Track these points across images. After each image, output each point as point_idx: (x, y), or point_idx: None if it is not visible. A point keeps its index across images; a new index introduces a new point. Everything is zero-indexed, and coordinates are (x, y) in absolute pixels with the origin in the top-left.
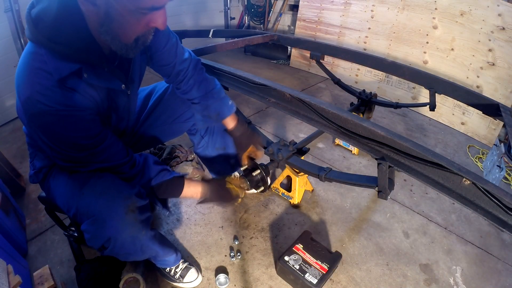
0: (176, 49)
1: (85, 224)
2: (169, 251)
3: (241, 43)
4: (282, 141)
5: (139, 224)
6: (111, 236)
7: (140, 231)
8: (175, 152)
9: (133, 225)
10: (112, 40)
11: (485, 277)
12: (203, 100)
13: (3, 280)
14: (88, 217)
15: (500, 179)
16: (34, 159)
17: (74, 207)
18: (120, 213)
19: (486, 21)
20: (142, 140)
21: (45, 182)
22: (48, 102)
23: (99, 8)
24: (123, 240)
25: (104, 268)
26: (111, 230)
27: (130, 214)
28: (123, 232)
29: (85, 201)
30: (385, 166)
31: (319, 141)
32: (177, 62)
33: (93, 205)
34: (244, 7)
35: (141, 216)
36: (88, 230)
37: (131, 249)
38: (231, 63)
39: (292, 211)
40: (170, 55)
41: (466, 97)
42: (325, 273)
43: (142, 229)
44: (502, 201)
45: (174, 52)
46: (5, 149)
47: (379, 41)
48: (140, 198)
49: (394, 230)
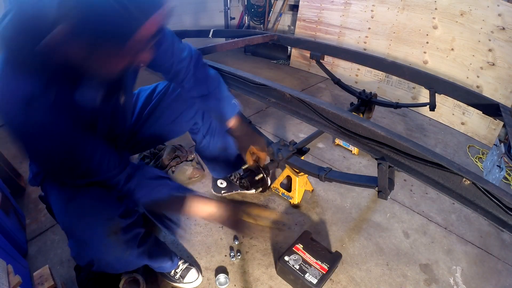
0: (173, 49)
1: (69, 242)
2: (162, 261)
3: (241, 43)
4: (282, 141)
5: (123, 245)
6: (94, 258)
7: (124, 252)
8: (175, 152)
9: (115, 247)
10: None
11: (485, 277)
12: (206, 100)
13: (3, 280)
14: (72, 236)
15: (500, 179)
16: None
17: (61, 222)
18: (102, 236)
19: (486, 21)
20: (144, 140)
21: (42, 186)
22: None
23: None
24: (107, 261)
25: None
26: (94, 252)
27: (112, 237)
28: (105, 255)
29: (69, 219)
30: (385, 166)
31: (319, 141)
32: (174, 62)
33: (75, 226)
34: (244, 7)
35: (126, 236)
36: (72, 248)
37: (117, 267)
38: (231, 63)
39: (292, 211)
40: (167, 56)
41: (466, 97)
42: (325, 273)
43: (127, 250)
44: (502, 201)
45: (171, 52)
46: (5, 149)
47: (379, 41)
48: (125, 218)
49: (394, 230)
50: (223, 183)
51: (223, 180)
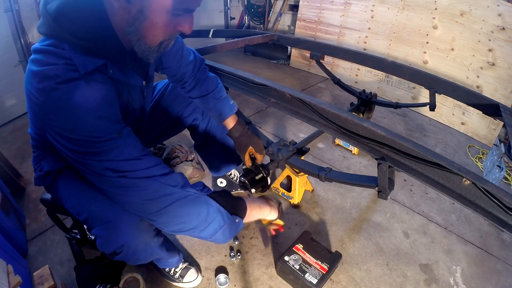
0: (182, 51)
1: (97, 229)
2: (173, 254)
3: (241, 43)
4: (282, 141)
5: (152, 231)
6: (124, 242)
7: (152, 238)
8: (175, 152)
9: (147, 232)
10: (138, 42)
11: (485, 277)
12: (205, 100)
13: (3, 280)
14: (101, 223)
15: (500, 179)
16: (42, 161)
17: (86, 211)
18: (136, 220)
19: (486, 21)
20: (145, 138)
21: (53, 185)
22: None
23: (133, 5)
24: (136, 247)
25: (103, 268)
26: (125, 237)
27: (144, 222)
28: (136, 239)
29: (99, 206)
30: (385, 166)
31: (319, 141)
32: (182, 64)
33: (107, 211)
34: (244, 7)
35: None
36: (100, 235)
37: (141, 255)
38: (231, 63)
39: (292, 211)
40: (176, 57)
41: (466, 97)
42: (325, 273)
43: (155, 237)
44: (502, 201)
45: (180, 55)
46: (5, 149)
47: (379, 41)
48: None
49: (394, 230)
50: (223, 182)
51: (223, 179)
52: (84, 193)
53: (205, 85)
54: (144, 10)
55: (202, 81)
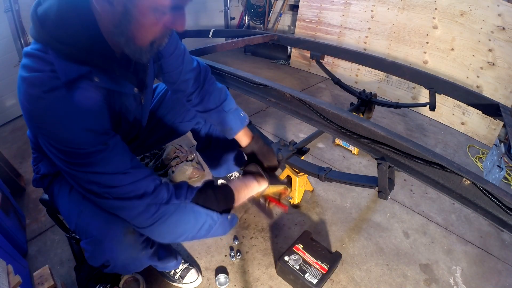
0: (184, 56)
1: (83, 243)
2: (168, 260)
3: (241, 43)
4: (282, 141)
5: (139, 245)
6: (109, 258)
7: (139, 252)
8: (175, 152)
9: (132, 247)
10: (126, 43)
11: (485, 277)
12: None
13: (3, 280)
14: (86, 237)
15: (500, 179)
16: (40, 163)
17: (74, 223)
18: (119, 235)
19: (486, 21)
20: (147, 142)
21: (49, 188)
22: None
23: (116, 6)
24: (123, 262)
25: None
26: (109, 252)
27: (129, 236)
28: (121, 255)
29: (84, 219)
30: (385, 166)
31: (319, 141)
32: (183, 70)
33: (91, 225)
34: (244, 7)
35: (142, 236)
36: (86, 249)
37: (131, 268)
38: (231, 63)
39: (292, 211)
40: (177, 62)
41: (466, 97)
42: (325, 273)
43: (142, 250)
44: (502, 201)
45: (182, 60)
46: (5, 149)
47: (379, 41)
48: None
49: (394, 230)
50: (224, 182)
51: (223, 180)
52: (72, 203)
53: (213, 97)
54: (129, 10)
55: (210, 94)
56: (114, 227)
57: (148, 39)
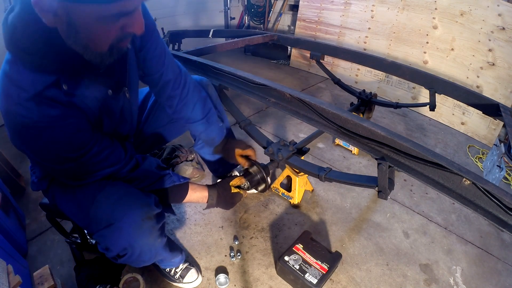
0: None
1: (97, 235)
2: (176, 254)
3: (241, 43)
4: (282, 141)
5: (156, 232)
6: (127, 245)
7: (156, 239)
8: (175, 152)
9: (150, 233)
10: (84, 50)
11: (485, 277)
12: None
13: (3, 280)
14: (103, 226)
15: (500, 179)
16: (36, 166)
17: (87, 215)
18: (138, 220)
19: (486, 21)
20: (145, 142)
21: (49, 190)
22: (26, 114)
23: (61, 19)
24: (141, 249)
25: (104, 268)
26: (128, 239)
27: (147, 222)
28: (140, 241)
29: (100, 209)
30: (385, 166)
31: (319, 141)
32: (164, 72)
33: (109, 213)
34: (244, 7)
35: (158, 224)
36: (103, 238)
37: (146, 257)
38: (231, 63)
39: (292, 211)
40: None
41: (466, 97)
42: (325, 273)
43: (158, 237)
44: (502, 201)
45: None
46: (5, 149)
47: (379, 41)
48: (157, 206)
49: (394, 230)
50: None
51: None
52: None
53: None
54: (73, 23)
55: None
56: (133, 213)
57: (105, 45)
